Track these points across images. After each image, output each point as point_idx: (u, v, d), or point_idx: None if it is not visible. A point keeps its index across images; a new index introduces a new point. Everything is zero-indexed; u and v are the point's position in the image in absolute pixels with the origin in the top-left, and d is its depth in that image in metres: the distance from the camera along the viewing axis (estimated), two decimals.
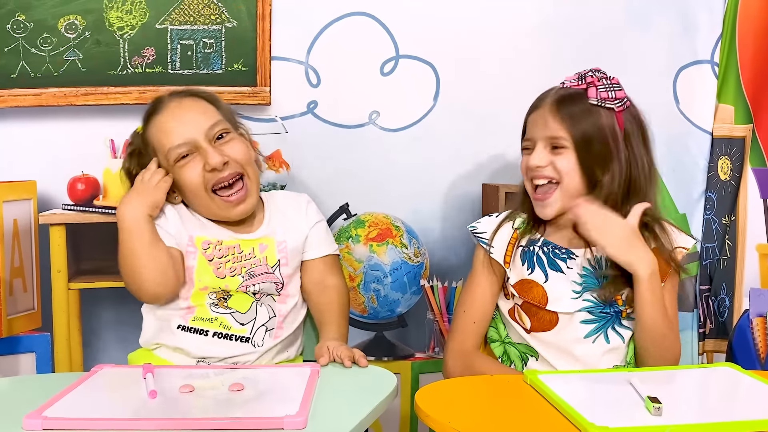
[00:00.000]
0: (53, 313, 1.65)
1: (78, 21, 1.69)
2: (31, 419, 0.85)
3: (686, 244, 1.26)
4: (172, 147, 1.20)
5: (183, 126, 1.21)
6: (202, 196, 1.21)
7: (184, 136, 1.20)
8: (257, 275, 1.23)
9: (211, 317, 1.21)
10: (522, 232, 1.27)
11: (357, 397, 0.99)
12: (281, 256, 1.25)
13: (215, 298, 1.22)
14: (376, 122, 1.82)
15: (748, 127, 1.88)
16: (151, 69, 1.72)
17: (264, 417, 0.87)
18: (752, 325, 1.77)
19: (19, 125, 1.71)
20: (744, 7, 1.86)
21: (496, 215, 1.31)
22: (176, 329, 1.21)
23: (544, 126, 1.23)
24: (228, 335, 1.21)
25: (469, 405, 1.01)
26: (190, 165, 1.20)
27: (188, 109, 1.23)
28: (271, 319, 1.24)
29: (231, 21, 1.74)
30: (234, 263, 1.23)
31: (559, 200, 1.23)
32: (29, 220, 1.62)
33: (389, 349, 1.75)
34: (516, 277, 1.25)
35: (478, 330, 1.27)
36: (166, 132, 1.22)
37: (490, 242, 1.26)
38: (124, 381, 1.03)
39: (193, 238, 1.23)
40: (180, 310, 1.22)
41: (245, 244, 1.24)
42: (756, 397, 1.00)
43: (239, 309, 1.22)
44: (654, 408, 0.90)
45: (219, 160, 1.19)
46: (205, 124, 1.21)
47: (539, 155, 1.22)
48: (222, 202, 1.22)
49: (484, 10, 1.82)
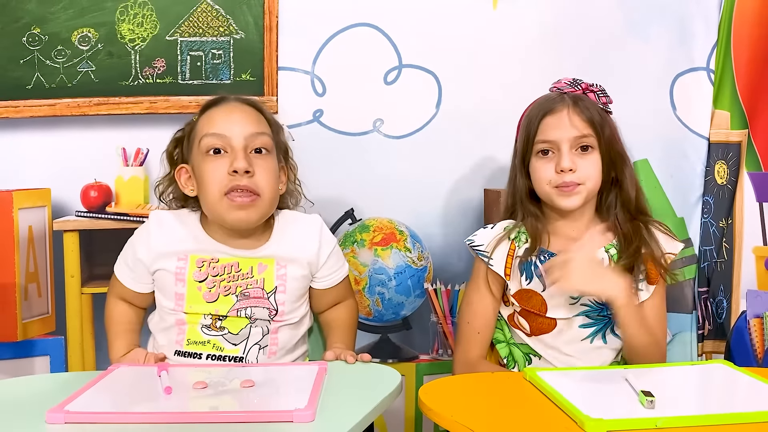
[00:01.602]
0: (67, 317, 1.68)
1: (91, 33, 1.72)
2: (54, 413, 0.89)
3: (674, 250, 1.28)
4: (208, 133, 1.18)
5: (228, 122, 1.19)
6: (214, 196, 1.18)
7: (225, 130, 1.18)
8: (251, 297, 1.20)
9: (204, 340, 1.20)
10: (519, 242, 1.28)
11: (363, 392, 1.02)
12: (279, 283, 1.21)
13: (210, 318, 1.21)
14: (380, 130, 1.84)
15: (744, 132, 1.90)
16: (162, 80, 1.74)
17: (274, 410, 0.90)
18: (749, 326, 1.79)
19: (34, 135, 1.73)
20: (739, 15, 1.88)
21: (491, 227, 1.31)
22: (173, 355, 1.22)
23: (570, 127, 1.21)
24: (221, 357, 1.20)
25: (471, 400, 1.04)
26: (217, 162, 1.18)
27: (241, 111, 1.22)
28: (265, 337, 1.22)
29: (239, 33, 1.77)
30: (229, 282, 1.20)
31: (584, 194, 1.23)
32: (44, 227, 1.65)
33: (394, 351, 1.77)
34: (515, 287, 1.26)
35: (483, 339, 1.29)
36: (211, 121, 1.20)
37: (490, 255, 1.27)
38: (140, 378, 1.07)
39: (188, 257, 1.20)
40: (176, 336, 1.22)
41: (244, 262, 1.21)
42: (747, 391, 1.03)
43: (231, 330, 1.20)
44: (647, 401, 0.93)
45: (245, 165, 1.16)
46: (249, 130, 1.19)
47: (569, 156, 1.20)
48: (228, 203, 1.17)
49: (485, 21, 1.84)
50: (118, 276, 1.28)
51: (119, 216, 1.69)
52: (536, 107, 1.26)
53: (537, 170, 1.25)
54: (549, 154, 1.23)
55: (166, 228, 1.24)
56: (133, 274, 1.25)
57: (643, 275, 1.26)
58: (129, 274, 1.26)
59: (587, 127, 1.23)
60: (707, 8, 1.90)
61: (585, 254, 1.18)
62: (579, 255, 1.17)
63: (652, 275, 1.25)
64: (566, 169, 1.21)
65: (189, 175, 1.24)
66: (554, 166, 1.22)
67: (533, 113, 1.25)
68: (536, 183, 1.26)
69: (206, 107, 1.25)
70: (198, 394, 0.98)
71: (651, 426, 0.88)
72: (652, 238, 1.26)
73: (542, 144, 1.24)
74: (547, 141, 1.23)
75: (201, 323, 1.21)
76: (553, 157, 1.23)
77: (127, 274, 1.26)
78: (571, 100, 1.24)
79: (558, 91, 1.27)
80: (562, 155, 1.21)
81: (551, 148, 1.23)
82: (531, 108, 1.29)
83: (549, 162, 1.23)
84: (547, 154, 1.24)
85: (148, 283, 1.25)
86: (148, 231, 1.24)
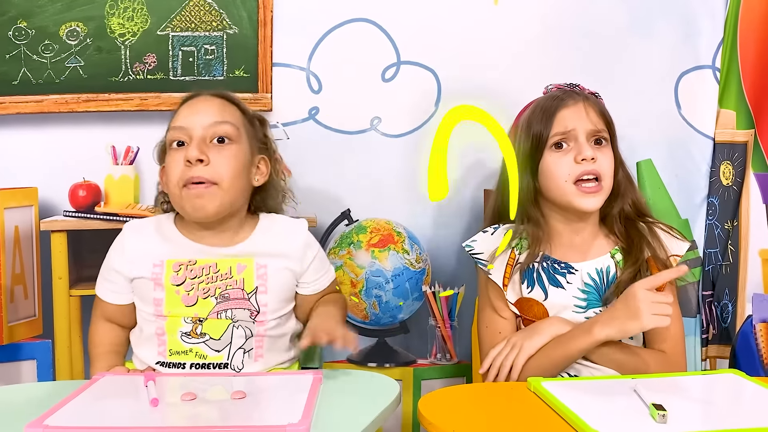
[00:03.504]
0: (54, 319, 1.65)
1: (79, 28, 1.69)
2: (32, 428, 0.85)
3: (680, 251, 1.24)
4: (172, 126, 1.19)
5: (190, 114, 1.19)
6: (175, 188, 1.17)
7: (185, 122, 1.18)
8: (231, 299, 1.18)
9: (185, 349, 1.17)
10: (520, 249, 1.24)
11: (360, 405, 0.98)
12: (259, 283, 1.19)
13: (190, 321, 1.18)
14: (377, 128, 1.82)
15: (750, 132, 1.88)
16: (153, 75, 1.72)
17: (266, 425, 0.87)
18: (755, 331, 1.76)
19: (20, 132, 1.71)
20: (745, 13, 1.86)
21: (492, 232, 1.28)
22: (157, 365, 1.19)
23: (587, 119, 1.19)
24: (205, 364, 1.17)
25: (473, 412, 1.01)
26: (178, 155, 1.17)
27: (205, 102, 1.21)
28: (249, 340, 1.19)
29: (232, 28, 1.74)
30: (208, 284, 1.18)
31: (603, 195, 1.20)
32: (30, 227, 1.62)
33: (391, 355, 1.74)
34: (515, 296, 1.23)
35: (506, 336, 1.25)
36: (177, 115, 1.20)
37: (490, 264, 1.24)
38: (125, 389, 1.03)
39: (164, 262, 1.19)
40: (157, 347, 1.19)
41: (222, 263, 1.19)
42: (761, 404, 1.00)
43: (213, 335, 1.18)
44: (659, 415, 0.89)
45: (196, 154, 1.14)
46: (208, 120, 1.18)
47: (589, 147, 1.18)
48: (185, 193, 1.15)
49: (486, 17, 1.82)
50: (98, 294, 1.27)
51: (109, 216, 1.66)
52: (545, 103, 1.23)
53: (552, 165, 1.20)
54: (563, 147, 1.20)
55: (140, 236, 1.23)
56: (112, 286, 1.24)
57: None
58: (108, 287, 1.24)
59: (601, 122, 1.21)
60: (713, 5, 1.87)
61: (634, 291, 1.12)
62: (633, 292, 1.12)
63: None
64: (588, 158, 1.17)
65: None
66: (573, 157, 1.18)
67: (545, 109, 1.21)
68: (552, 181, 1.21)
69: (181, 104, 1.24)
70: (186, 406, 0.94)
71: None
72: (656, 240, 1.23)
73: (558, 136, 1.20)
74: (565, 132, 1.19)
75: (180, 331, 1.18)
76: (569, 150, 1.19)
77: (106, 287, 1.25)
78: (584, 95, 1.23)
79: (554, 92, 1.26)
80: (581, 145, 1.18)
81: (567, 140, 1.19)
82: (535, 107, 1.25)
83: (565, 155, 1.19)
84: (561, 147, 1.20)
85: (128, 293, 1.23)
86: (122, 241, 1.24)
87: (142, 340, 1.21)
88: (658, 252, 1.22)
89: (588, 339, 1.14)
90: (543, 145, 1.20)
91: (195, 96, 1.24)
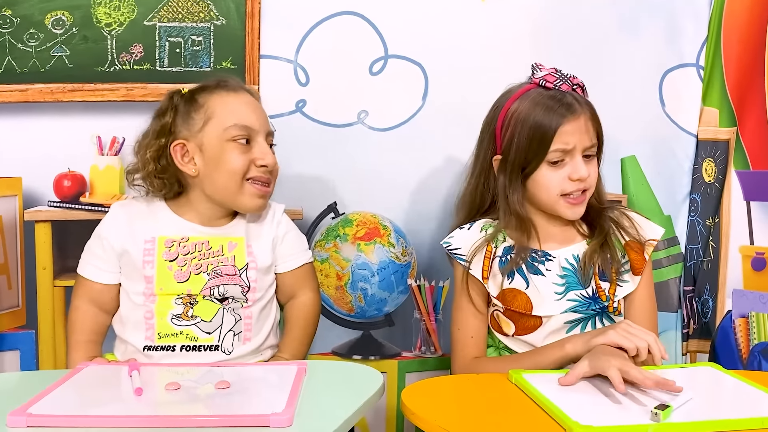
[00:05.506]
0: (38, 310, 1.64)
1: (65, 17, 1.67)
2: (15, 416, 0.85)
3: (656, 235, 1.26)
4: (237, 124, 1.22)
5: (255, 116, 1.25)
6: (234, 180, 1.22)
7: (254, 124, 1.24)
8: (223, 275, 1.22)
9: (176, 332, 1.19)
10: (497, 243, 1.25)
11: (343, 395, 0.99)
12: (250, 260, 1.24)
13: (181, 303, 1.20)
14: (364, 121, 1.82)
15: (732, 130, 1.90)
16: (139, 66, 1.71)
17: (250, 414, 0.87)
18: (735, 326, 1.79)
19: (4, 121, 1.69)
20: (729, 12, 1.87)
21: (468, 227, 1.29)
22: (144, 351, 1.19)
23: (586, 135, 1.19)
24: (196, 346, 1.19)
25: (455, 403, 1.02)
26: (241, 150, 1.22)
27: (259, 105, 1.29)
28: (238, 323, 1.22)
29: (220, 19, 1.73)
30: (200, 260, 1.22)
31: (587, 200, 1.23)
32: (14, 217, 1.61)
33: (376, 348, 1.75)
34: (496, 289, 1.24)
35: (477, 342, 1.27)
36: (236, 110, 1.23)
37: (469, 259, 1.24)
38: (109, 378, 1.03)
39: (155, 239, 1.22)
40: (144, 332, 1.19)
41: (214, 241, 1.24)
42: (738, 396, 1.02)
43: (204, 317, 1.20)
44: (653, 413, 0.89)
45: (274, 161, 1.25)
46: (269, 126, 1.28)
47: (583, 165, 1.19)
48: (253, 189, 1.23)
49: (474, 12, 1.82)
50: (83, 273, 1.26)
51: (93, 206, 1.65)
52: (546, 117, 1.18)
53: (546, 179, 1.20)
54: (558, 162, 1.20)
55: (130, 212, 1.25)
56: (99, 263, 1.24)
57: (627, 266, 1.24)
58: (95, 264, 1.24)
59: (595, 136, 1.23)
60: (698, 4, 1.89)
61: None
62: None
63: (636, 265, 1.24)
64: (584, 178, 1.19)
65: (185, 152, 1.23)
66: (567, 174, 1.19)
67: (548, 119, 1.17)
68: (543, 192, 1.22)
69: (213, 87, 1.26)
70: (170, 395, 0.95)
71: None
72: (629, 220, 1.26)
73: (558, 153, 1.18)
74: (565, 150, 1.18)
75: (171, 314, 1.19)
76: (564, 165, 1.20)
77: (93, 264, 1.24)
78: (585, 106, 1.21)
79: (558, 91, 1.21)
80: (576, 164, 1.19)
81: (564, 155, 1.19)
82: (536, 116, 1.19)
83: (560, 169, 1.20)
84: (556, 163, 1.20)
85: (115, 272, 1.23)
86: (113, 215, 1.26)
87: (129, 325, 1.21)
88: (630, 231, 1.25)
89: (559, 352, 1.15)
90: (541, 160, 1.20)
91: (238, 88, 1.28)
